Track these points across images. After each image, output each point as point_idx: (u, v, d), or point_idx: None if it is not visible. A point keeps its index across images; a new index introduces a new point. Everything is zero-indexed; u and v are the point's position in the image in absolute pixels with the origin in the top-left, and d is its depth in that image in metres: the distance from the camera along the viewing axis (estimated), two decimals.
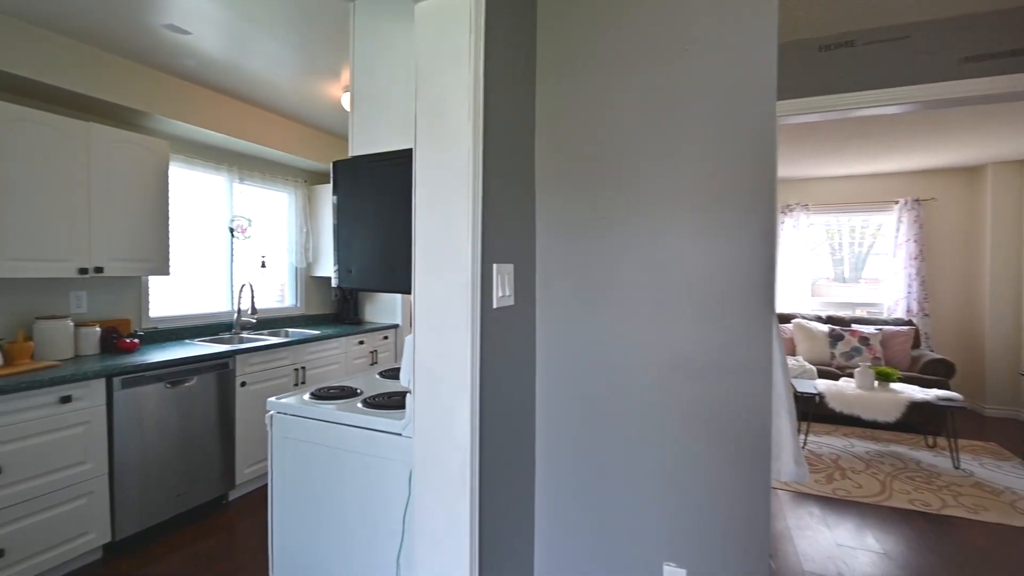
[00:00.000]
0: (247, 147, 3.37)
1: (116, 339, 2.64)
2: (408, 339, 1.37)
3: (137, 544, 2.36)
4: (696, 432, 1.40)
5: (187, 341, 3.02)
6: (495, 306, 1.32)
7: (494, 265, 1.31)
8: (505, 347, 1.39)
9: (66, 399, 2.08)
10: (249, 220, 3.56)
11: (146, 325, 2.94)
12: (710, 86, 1.38)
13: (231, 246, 3.48)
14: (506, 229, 1.39)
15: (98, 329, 2.58)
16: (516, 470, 1.48)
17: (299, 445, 1.63)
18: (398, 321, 4.15)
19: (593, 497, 1.52)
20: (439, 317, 1.24)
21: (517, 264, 1.46)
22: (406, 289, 1.38)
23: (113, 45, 2.40)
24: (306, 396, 1.71)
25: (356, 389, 1.78)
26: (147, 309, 2.95)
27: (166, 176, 2.76)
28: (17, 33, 2.16)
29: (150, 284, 2.97)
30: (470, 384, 1.21)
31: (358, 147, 1.57)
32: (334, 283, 1.57)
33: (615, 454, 1.49)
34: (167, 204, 2.76)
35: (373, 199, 1.47)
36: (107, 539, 2.23)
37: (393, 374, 2.06)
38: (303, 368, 3.20)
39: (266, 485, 3.01)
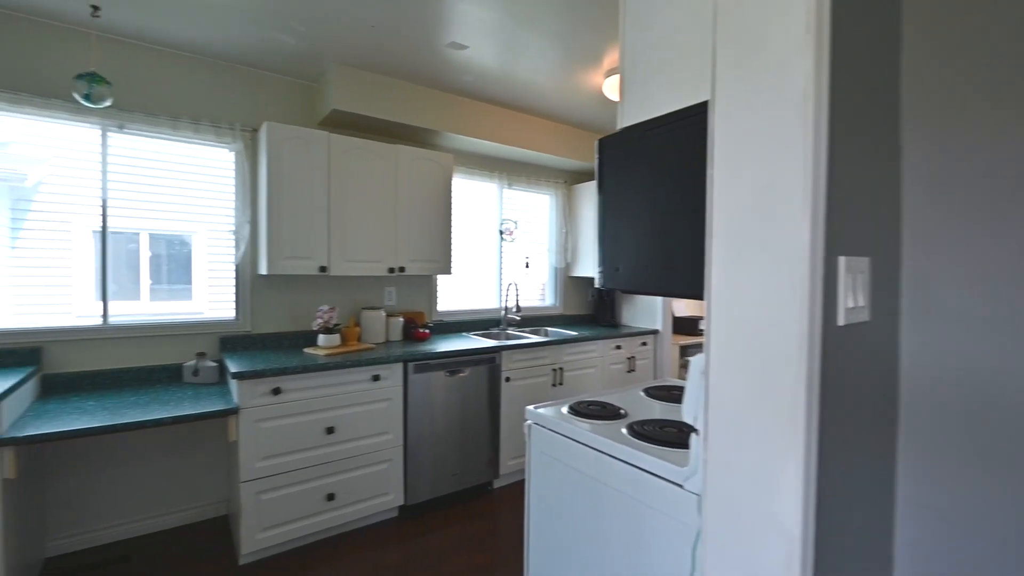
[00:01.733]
0: (514, 153, 3.54)
1: (413, 329, 3.07)
2: (695, 361, 1.02)
3: (422, 512, 2.67)
4: None
5: (464, 334, 3.33)
6: (841, 322, 0.84)
7: (840, 259, 0.84)
8: (856, 386, 0.90)
9: (376, 378, 2.47)
10: (515, 223, 3.76)
11: (434, 318, 3.37)
12: None
13: (500, 248, 3.73)
14: (858, 204, 0.89)
15: (401, 320, 3.04)
16: None
17: (555, 464, 1.46)
18: (658, 326, 3.78)
19: None
20: (749, 336, 0.85)
21: (873, 258, 0.93)
22: (693, 292, 1.02)
23: (410, 74, 2.77)
24: (564, 409, 1.54)
25: (620, 409, 1.52)
26: (436, 304, 3.37)
27: (450, 186, 3.07)
28: (352, 80, 2.68)
29: (437, 282, 3.39)
30: (803, 441, 0.78)
31: (629, 116, 1.29)
32: (598, 283, 1.33)
33: None
34: (450, 211, 3.08)
35: (647, 177, 1.17)
36: (401, 502, 2.57)
37: (662, 394, 1.72)
38: (560, 369, 3.16)
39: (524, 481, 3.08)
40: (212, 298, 2.65)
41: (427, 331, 3.05)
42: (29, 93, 2.13)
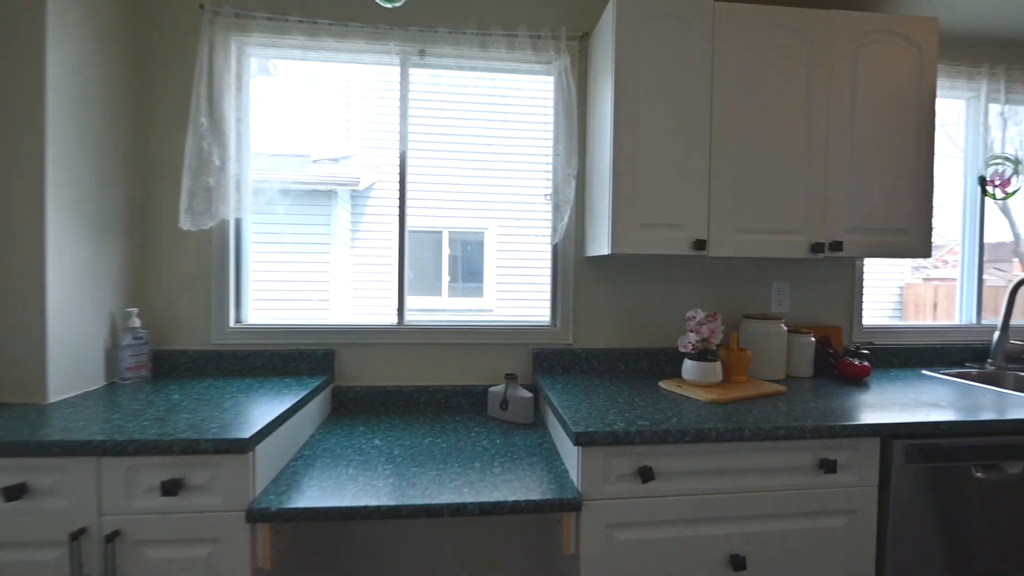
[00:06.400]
0: None
1: (833, 357, 1.68)
2: None
3: None
4: None
5: (918, 371, 1.76)
6: None
7: None
8: None
9: (828, 466, 1.18)
10: (1018, 163, 1.95)
11: (857, 338, 1.89)
12: None
13: (979, 209, 1.99)
14: None
15: (811, 339, 1.69)
16: None
17: None
18: None
19: None
20: None
21: None
22: None
23: None
24: None
25: None
26: (859, 313, 1.89)
27: (933, 87, 1.56)
28: None
29: (863, 274, 1.90)
30: None
31: None
32: None
33: None
34: (932, 138, 1.57)
35: None
36: None
37: None
38: None
39: None
40: (508, 294, 1.85)
41: (866, 364, 1.61)
42: (326, 19, 1.62)
